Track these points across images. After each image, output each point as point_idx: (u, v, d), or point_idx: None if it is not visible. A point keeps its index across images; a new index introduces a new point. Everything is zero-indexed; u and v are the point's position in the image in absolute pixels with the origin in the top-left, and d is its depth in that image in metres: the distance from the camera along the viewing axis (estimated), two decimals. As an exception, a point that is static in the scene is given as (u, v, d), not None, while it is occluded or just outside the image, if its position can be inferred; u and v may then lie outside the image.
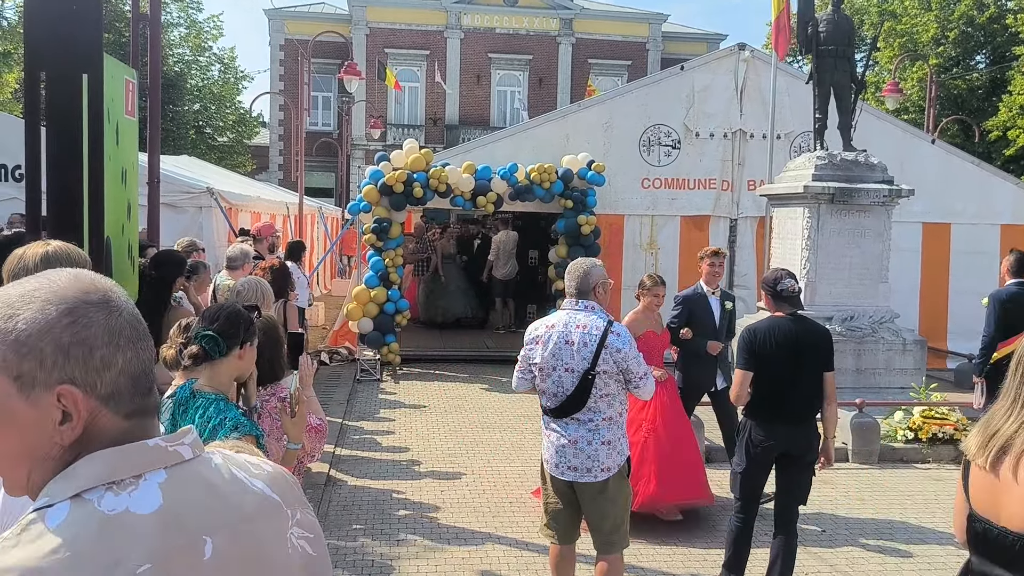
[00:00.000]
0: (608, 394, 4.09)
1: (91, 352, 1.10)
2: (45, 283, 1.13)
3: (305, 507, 1.33)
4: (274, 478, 1.30)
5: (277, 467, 1.35)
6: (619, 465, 4.15)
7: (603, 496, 4.14)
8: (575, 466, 4.12)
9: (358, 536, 5.63)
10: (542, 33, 37.38)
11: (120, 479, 1.10)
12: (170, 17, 29.53)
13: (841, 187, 8.89)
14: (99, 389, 1.11)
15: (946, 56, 28.47)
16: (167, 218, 9.02)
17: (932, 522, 6.15)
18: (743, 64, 12.09)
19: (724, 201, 12.22)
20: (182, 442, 1.19)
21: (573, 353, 4.07)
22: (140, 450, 1.13)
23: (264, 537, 1.22)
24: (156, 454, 1.15)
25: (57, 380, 1.08)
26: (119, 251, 4.45)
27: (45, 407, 1.09)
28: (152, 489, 1.12)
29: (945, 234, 12.28)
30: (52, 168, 3.35)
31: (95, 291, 1.14)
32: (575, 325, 4.12)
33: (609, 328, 4.07)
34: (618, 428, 4.16)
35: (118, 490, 1.09)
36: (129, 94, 4.80)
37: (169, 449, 1.16)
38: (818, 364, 4.60)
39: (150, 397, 1.19)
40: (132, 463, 1.12)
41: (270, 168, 37.06)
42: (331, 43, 29.95)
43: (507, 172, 11.23)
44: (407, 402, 9.64)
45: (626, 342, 4.08)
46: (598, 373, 4.03)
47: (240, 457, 1.31)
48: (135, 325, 1.16)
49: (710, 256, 6.94)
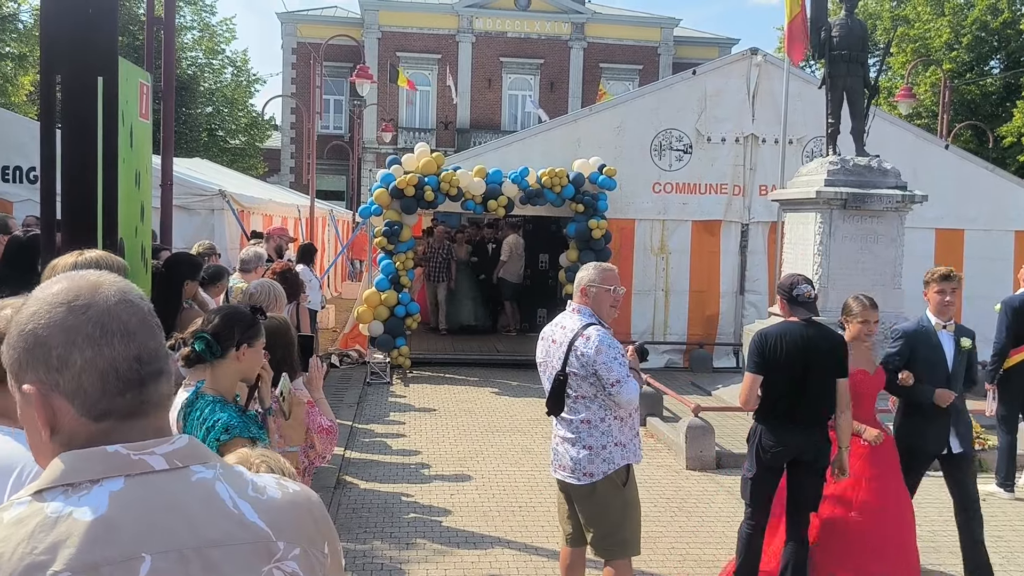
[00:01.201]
0: (584, 396, 4.11)
1: (49, 352, 1.11)
2: (45, 285, 1.17)
3: (316, 545, 1.22)
4: (277, 506, 1.19)
5: (297, 495, 1.24)
6: (605, 473, 4.10)
7: (590, 501, 4.15)
8: (564, 465, 4.19)
9: (368, 539, 5.63)
10: (554, 37, 37.39)
11: (76, 482, 1.08)
12: (184, 20, 29.68)
13: (854, 192, 8.84)
14: (62, 387, 1.11)
15: (960, 61, 28.32)
16: (180, 220, 9.07)
17: (945, 530, 6.10)
18: (755, 69, 12.06)
19: (736, 206, 12.19)
20: (152, 451, 1.13)
21: (553, 353, 4.19)
22: (98, 455, 1.11)
23: (223, 567, 1.11)
24: (115, 460, 1.11)
25: (27, 379, 1.13)
26: (132, 252, 4.47)
27: (29, 403, 1.13)
28: (101, 496, 1.08)
29: (959, 240, 12.21)
30: (67, 170, 3.37)
31: (71, 291, 1.14)
32: (560, 326, 4.25)
33: (581, 331, 4.10)
34: (602, 435, 4.10)
35: (72, 493, 1.08)
36: (143, 97, 4.82)
37: (132, 457, 1.11)
38: (829, 370, 4.56)
39: (129, 397, 1.14)
40: (89, 467, 1.10)
41: (282, 171, 37.19)
42: (343, 47, 30.07)
43: (518, 176, 11.23)
44: (417, 405, 9.64)
45: (592, 346, 4.03)
46: (568, 375, 4.10)
47: (251, 476, 1.22)
48: (105, 323, 1.12)
49: (939, 280, 5.21)
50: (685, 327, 12.22)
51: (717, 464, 7.42)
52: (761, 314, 11.29)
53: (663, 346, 12.00)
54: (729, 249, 12.23)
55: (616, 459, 4.13)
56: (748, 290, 12.11)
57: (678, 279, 12.16)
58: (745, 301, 12.13)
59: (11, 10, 22.80)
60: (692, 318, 12.21)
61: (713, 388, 10.34)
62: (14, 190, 9.52)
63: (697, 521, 6.12)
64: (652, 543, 5.52)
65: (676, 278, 12.15)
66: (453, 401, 9.90)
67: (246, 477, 1.21)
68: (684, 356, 12.14)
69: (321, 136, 27.99)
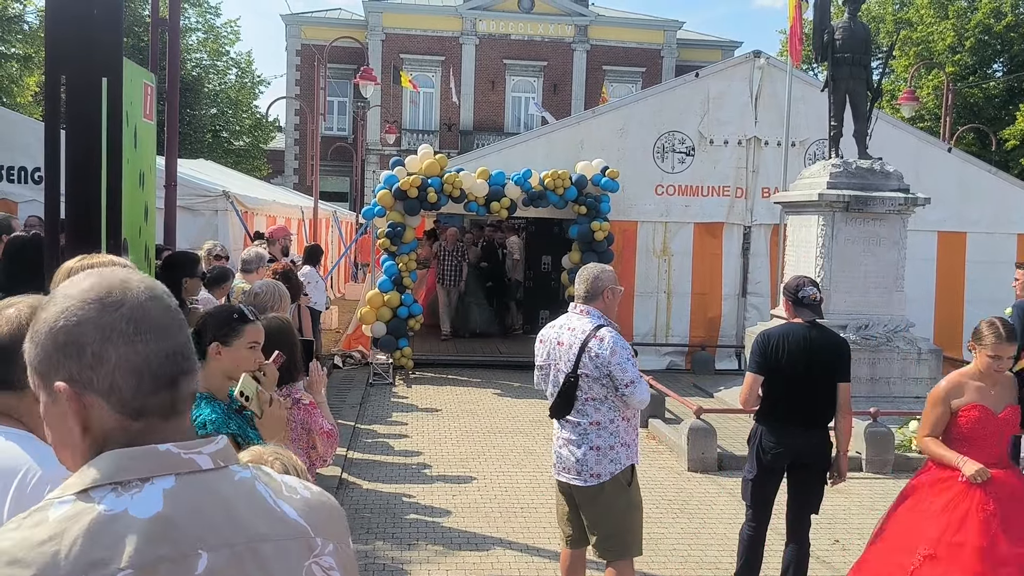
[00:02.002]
0: (594, 398, 4.09)
1: (83, 349, 1.10)
2: (73, 281, 1.16)
3: (343, 541, 1.28)
4: (310, 505, 1.24)
5: (321, 494, 1.29)
6: (612, 474, 4.11)
7: (597, 502, 4.15)
8: (569, 467, 4.17)
9: (370, 539, 5.64)
10: (557, 39, 37.42)
11: (126, 480, 1.09)
12: (188, 22, 29.76)
13: (856, 195, 8.85)
14: (96, 385, 1.11)
15: (963, 64, 28.31)
16: (183, 221, 9.09)
17: (946, 533, 6.10)
18: (758, 71, 12.07)
19: (738, 208, 12.20)
20: (200, 451, 1.15)
21: (561, 355, 4.16)
22: (150, 453, 1.11)
23: (272, 562, 1.14)
24: (167, 459, 1.12)
25: (58, 376, 1.12)
26: (136, 253, 4.49)
27: (59, 401, 1.13)
28: (155, 494, 1.09)
29: (961, 243, 12.20)
30: (71, 171, 3.39)
31: (102, 287, 1.14)
32: (567, 328, 4.20)
33: (594, 332, 4.08)
34: (610, 436, 4.11)
35: (122, 491, 1.08)
36: (147, 98, 4.84)
37: (183, 456, 1.13)
38: (831, 373, 4.55)
39: (163, 395, 1.14)
40: (140, 466, 1.10)
41: (285, 172, 37.25)
42: (347, 48, 30.08)
43: (521, 178, 11.25)
44: (419, 406, 9.65)
45: (607, 347, 4.03)
46: (580, 376, 4.07)
47: (280, 477, 1.26)
48: (138, 320, 1.12)
49: None
50: (687, 329, 12.22)
51: (719, 466, 7.42)
52: (763, 316, 11.28)
53: (665, 348, 12.00)
54: (731, 251, 12.23)
55: (622, 459, 4.15)
56: (750, 292, 12.11)
57: (680, 281, 12.16)
58: (747, 303, 12.13)
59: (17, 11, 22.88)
60: (694, 320, 12.22)
61: (715, 390, 10.34)
62: (19, 190, 9.55)
63: (699, 523, 6.13)
64: (654, 545, 5.53)
65: (678, 280, 12.15)
66: (455, 402, 9.91)
67: (276, 478, 1.25)
68: (686, 358, 12.14)
69: (325, 138, 28.03)
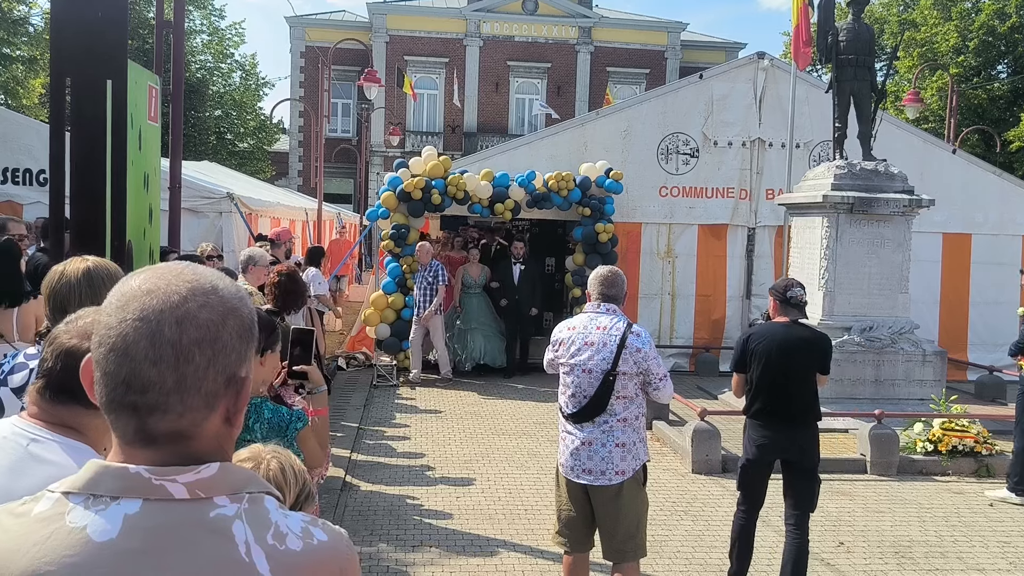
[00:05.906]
0: (625, 396, 4.10)
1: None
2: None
3: None
4: (294, 563, 1.09)
5: (323, 547, 1.14)
6: (634, 470, 4.13)
7: (617, 501, 4.13)
8: (589, 469, 4.13)
9: (373, 541, 5.63)
10: (561, 41, 37.44)
11: (98, 494, 1.05)
12: (193, 24, 29.83)
13: (860, 196, 8.84)
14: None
15: (967, 66, 28.26)
16: (188, 223, 9.11)
17: (952, 535, 6.08)
18: (762, 73, 12.06)
19: (742, 210, 12.18)
20: (174, 479, 1.06)
21: (593, 355, 4.10)
22: (121, 473, 1.07)
23: None
24: (135, 481, 1.06)
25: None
26: (140, 254, 4.49)
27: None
28: (117, 517, 1.04)
29: (966, 244, 12.18)
30: (76, 172, 3.40)
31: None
32: (596, 327, 4.16)
33: (629, 329, 4.11)
34: (633, 432, 4.15)
35: (91, 504, 1.05)
36: (152, 100, 4.86)
37: (154, 482, 1.06)
38: (809, 365, 4.75)
39: (124, 420, 1.09)
40: (110, 484, 1.06)
41: (290, 174, 37.30)
42: (351, 50, 30.16)
43: (525, 179, 11.25)
44: (423, 408, 9.65)
45: (646, 343, 4.11)
46: (618, 374, 4.05)
47: (281, 517, 1.13)
48: (126, 335, 1.05)
49: None
50: (691, 331, 12.21)
51: (723, 468, 7.41)
52: (767, 318, 11.27)
53: (669, 350, 11.98)
54: (735, 253, 12.21)
55: (641, 455, 4.20)
56: (754, 294, 12.09)
57: (684, 283, 12.15)
58: (751, 305, 12.11)
59: (22, 13, 22.96)
60: (698, 322, 12.21)
61: (719, 392, 10.32)
62: (24, 192, 9.57)
63: (703, 525, 6.12)
64: (658, 547, 5.52)
65: (682, 282, 12.14)
66: (459, 404, 9.91)
67: (271, 518, 1.11)
68: (690, 360, 12.13)
69: (329, 139, 28.05)
